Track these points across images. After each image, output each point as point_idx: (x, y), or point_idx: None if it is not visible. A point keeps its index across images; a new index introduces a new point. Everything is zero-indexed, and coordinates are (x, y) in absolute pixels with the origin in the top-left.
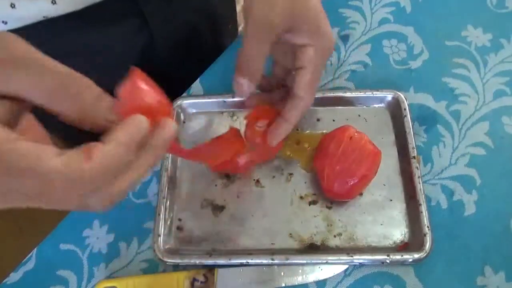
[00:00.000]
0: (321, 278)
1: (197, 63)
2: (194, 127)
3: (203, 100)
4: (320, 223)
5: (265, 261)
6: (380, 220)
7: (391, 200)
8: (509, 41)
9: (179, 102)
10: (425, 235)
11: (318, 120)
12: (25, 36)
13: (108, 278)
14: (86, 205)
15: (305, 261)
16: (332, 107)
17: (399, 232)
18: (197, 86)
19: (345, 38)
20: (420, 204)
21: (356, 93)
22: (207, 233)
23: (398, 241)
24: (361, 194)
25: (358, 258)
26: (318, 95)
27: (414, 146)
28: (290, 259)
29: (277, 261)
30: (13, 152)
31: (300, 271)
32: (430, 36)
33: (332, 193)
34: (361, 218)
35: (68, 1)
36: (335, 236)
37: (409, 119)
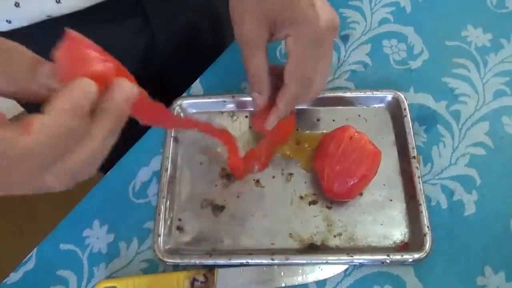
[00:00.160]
0: (321, 278)
1: (198, 63)
2: None
3: (203, 100)
4: (320, 223)
5: (265, 261)
6: (380, 220)
7: (391, 200)
8: (509, 41)
9: (179, 102)
10: (425, 235)
11: (318, 120)
12: (29, 35)
13: (108, 278)
14: (42, 184)
15: (305, 261)
16: (332, 107)
17: (399, 232)
18: (197, 86)
19: (345, 38)
20: (420, 204)
21: (356, 93)
22: (207, 233)
23: (398, 241)
24: (361, 194)
25: (358, 258)
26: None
27: (414, 146)
28: (290, 259)
29: (277, 261)
30: None
31: (300, 271)
32: (430, 36)
33: (332, 193)
34: (361, 218)
35: (71, 0)
36: (335, 236)
37: (409, 119)
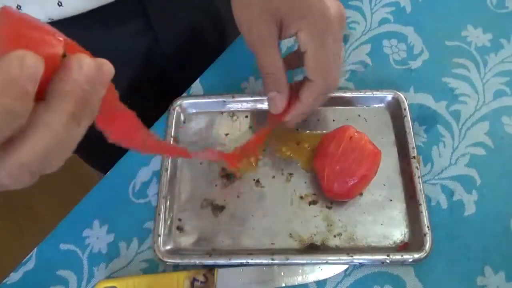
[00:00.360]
0: (321, 278)
1: (199, 63)
2: (194, 127)
3: (203, 100)
4: (320, 223)
5: (265, 261)
6: (380, 220)
7: (391, 200)
8: (509, 41)
9: (179, 102)
10: (425, 235)
11: (318, 120)
12: None
13: (108, 278)
14: None
15: (305, 261)
16: (332, 107)
17: (399, 232)
18: (197, 86)
19: (345, 38)
20: (420, 204)
21: (356, 93)
22: (207, 233)
23: (398, 241)
24: (361, 194)
25: (358, 258)
26: None
27: (414, 146)
28: (290, 259)
29: (277, 261)
30: None
31: (300, 271)
32: (430, 36)
33: (332, 193)
34: (361, 218)
35: (74, 3)
36: (335, 236)
37: (409, 119)
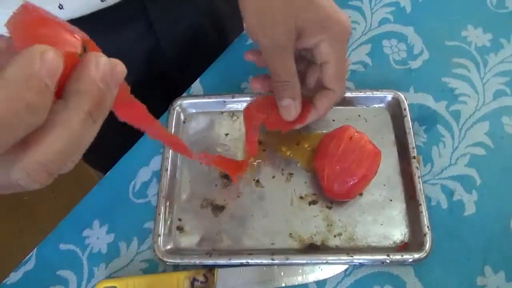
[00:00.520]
0: (321, 278)
1: (200, 64)
2: (194, 127)
3: (203, 100)
4: (320, 223)
5: (265, 261)
6: (380, 220)
7: (391, 200)
8: (509, 41)
9: (179, 102)
10: (425, 235)
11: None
12: None
13: (108, 278)
14: (7, 182)
15: (305, 261)
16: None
17: (399, 232)
18: (197, 86)
19: None
20: (420, 204)
21: (356, 93)
22: (207, 233)
23: (398, 241)
24: (361, 194)
25: (358, 258)
26: None
27: (414, 146)
28: (290, 259)
29: (277, 261)
30: None
31: (300, 271)
32: (430, 36)
33: (332, 193)
34: (361, 218)
35: (75, 6)
36: (335, 236)
37: (409, 119)
